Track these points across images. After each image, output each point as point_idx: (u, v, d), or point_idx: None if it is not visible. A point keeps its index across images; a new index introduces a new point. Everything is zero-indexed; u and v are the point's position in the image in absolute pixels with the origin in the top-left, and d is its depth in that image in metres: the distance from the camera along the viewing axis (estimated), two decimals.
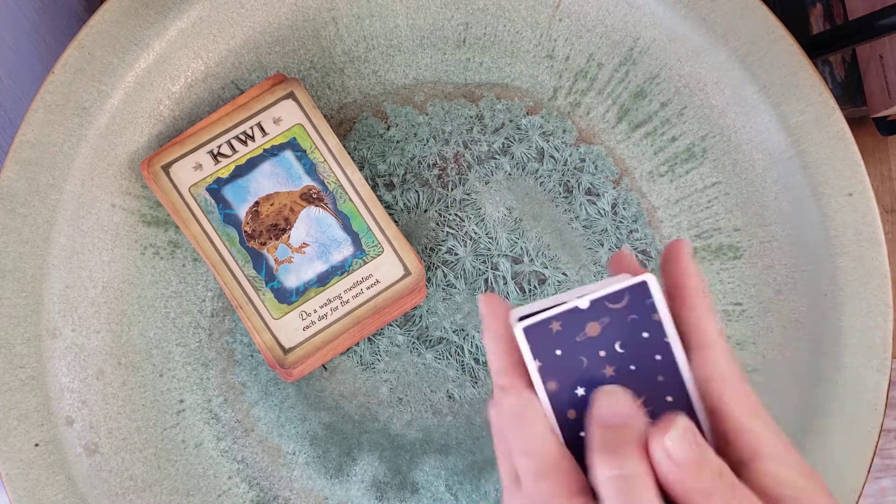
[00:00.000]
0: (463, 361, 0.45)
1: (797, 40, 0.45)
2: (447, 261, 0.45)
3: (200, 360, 0.44)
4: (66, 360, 0.42)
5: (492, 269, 0.45)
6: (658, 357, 0.28)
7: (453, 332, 0.45)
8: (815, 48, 0.52)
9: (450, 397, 0.44)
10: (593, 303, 0.28)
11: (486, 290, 0.45)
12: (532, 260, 0.45)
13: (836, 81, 0.59)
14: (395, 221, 0.44)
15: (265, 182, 0.42)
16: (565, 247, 0.46)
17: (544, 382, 0.28)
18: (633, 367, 0.28)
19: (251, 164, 0.42)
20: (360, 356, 0.44)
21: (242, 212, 0.42)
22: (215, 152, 0.42)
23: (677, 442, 0.25)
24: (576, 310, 0.28)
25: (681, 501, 0.25)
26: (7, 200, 0.41)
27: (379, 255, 0.42)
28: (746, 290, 0.45)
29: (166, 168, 0.41)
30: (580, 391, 0.28)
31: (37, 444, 0.41)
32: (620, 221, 0.46)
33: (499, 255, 0.45)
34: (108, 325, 0.43)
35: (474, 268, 0.45)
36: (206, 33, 0.44)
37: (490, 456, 0.44)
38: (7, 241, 0.41)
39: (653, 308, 0.28)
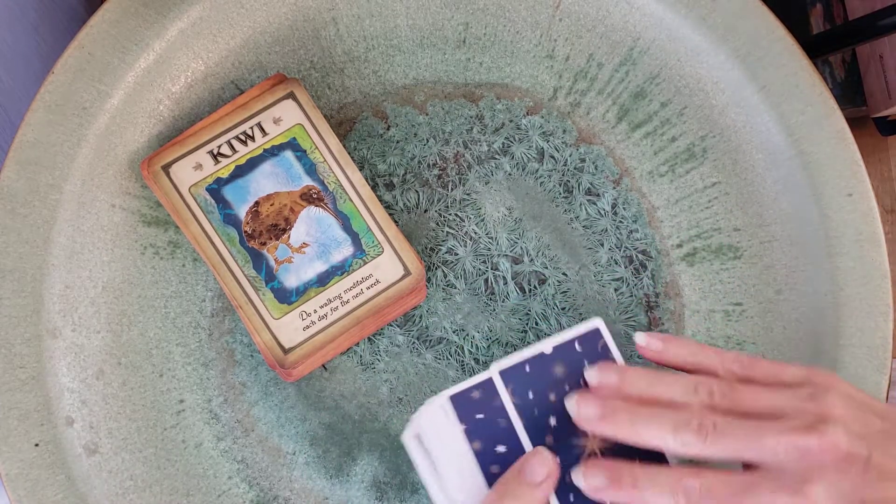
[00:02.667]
0: (463, 361, 0.45)
1: (797, 40, 0.45)
2: (447, 261, 0.45)
3: (200, 360, 0.44)
4: (66, 360, 0.42)
5: (492, 269, 0.45)
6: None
7: (453, 332, 0.45)
8: (815, 48, 0.52)
9: None
10: (555, 349, 0.33)
11: (486, 290, 0.45)
12: (532, 260, 0.45)
13: (836, 81, 0.59)
14: (395, 221, 0.44)
15: (265, 182, 0.42)
16: (565, 247, 0.46)
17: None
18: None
19: (251, 165, 0.42)
20: (360, 356, 0.44)
21: (242, 212, 0.42)
22: (215, 152, 0.42)
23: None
24: (542, 355, 0.33)
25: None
26: (7, 200, 0.41)
27: (379, 255, 0.42)
28: (746, 290, 0.45)
29: (166, 168, 0.41)
30: (552, 421, 0.32)
31: (37, 444, 0.41)
32: (620, 221, 0.46)
33: (499, 255, 0.45)
34: (108, 325, 0.43)
35: (474, 268, 0.45)
36: (206, 33, 0.44)
37: None
38: (7, 241, 0.41)
39: (606, 350, 0.33)
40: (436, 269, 0.45)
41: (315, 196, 0.42)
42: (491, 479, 0.32)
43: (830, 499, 0.28)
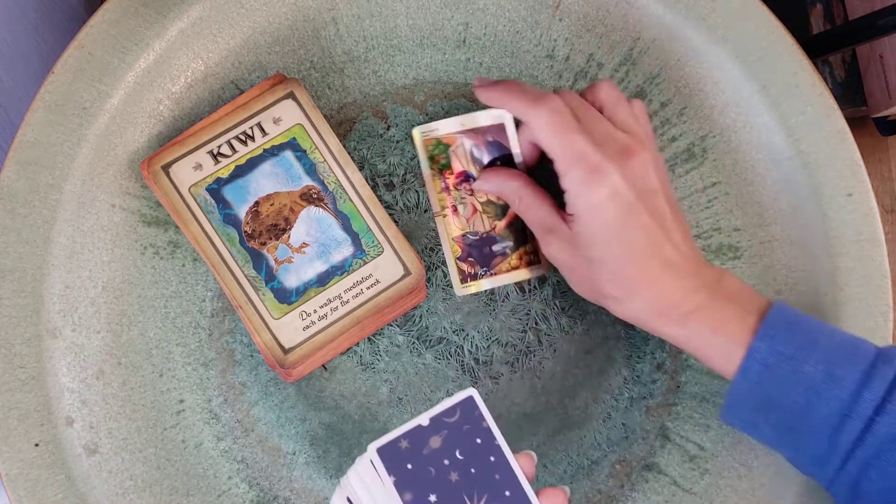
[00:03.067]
0: (463, 361, 0.45)
1: (797, 40, 0.45)
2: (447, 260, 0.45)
3: (200, 360, 0.44)
4: (66, 360, 0.42)
5: None
6: (492, 458, 0.33)
7: (453, 332, 0.45)
8: (815, 48, 0.52)
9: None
10: (432, 419, 0.33)
11: (486, 291, 0.45)
12: None
13: (836, 81, 0.59)
14: (395, 221, 0.44)
15: (265, 182, 0.42)
16: None
17: (400, 494, 0.32)
18: (472, 471, 0.33)
19: (251, 164, 0.42)
20: (360, 356, 0.44)
21: (242, 212, 0.42)
22: (215, 152, 0.42)
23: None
24: (418, 427, 0.32)
25: None
26: (7, 200, 0.41)
27: (379, 255, 0.42)
28: None
29: (166, 168, 0.41)
30: (432, 497, 0.32)
31: (37, 444, 0.41)
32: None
33: None
34: (108, 325, 0.43)
35: None
36: (206, 33, 0.44)
37: None
38: (7, 241, 0.41)
39: (481, 417, 0.33)
40: (436, 269, 0.45)
41: (315, 196, 0.42)
42: None
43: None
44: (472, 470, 0.33)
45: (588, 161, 0.37)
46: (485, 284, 0.44)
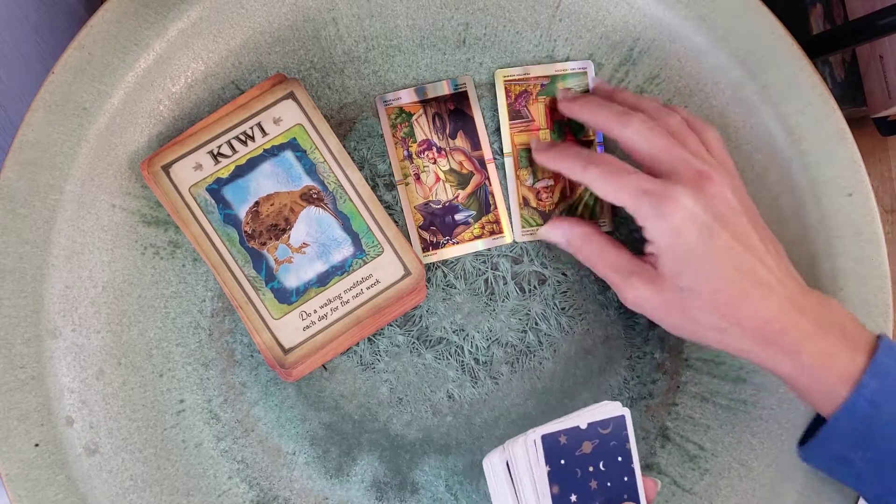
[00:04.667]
0: (463, 361, 0.45)
1: (797, 41, 0.45)
2: (447, 261, 0.45)
3: (200, 361, 0.44)
4: (66, 360, 0.42)
5: (492, 269, 0.45)
6: (626, 478, 0.35)
7: (453, 332, 0.45)
8: (815, 48, 0.52)
9: (450, 397, 0.44)
10: (589, 425, 0.35)
11: (486, 290, 0.45)
12: (532, 260, 0.45)
13: (836, 82, 0.59)
14: (395, 221, 0.44)
15: (265, 182, 0.42)
16: None
17: (550, 485, 0.35)
18: (608, 484, 0.35)
19: (251, 165, 0.42)
20: (360, 356, 0.44)
21: (242, 212, 0.42)
22: (215, 152, 0.42)
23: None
24: (577, 429, 0.35)
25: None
26: (7, 201, 0.41)
27: (379, 255, 0.42)
28: None
29: (166, 168, 0.41)
30: (573, 497, 0.35)
31: (37, 445, 0.41)
32: (621, 221, 0.46)
33: (499, 255, 0.45)
34: (108, 325, 0.43)
35: (474, 268, 0.45)
36: (206, 33, 0.44)
37: None
38: (7, 241, 0.41)
39: (627, 438, 0.35)
40: (436, 269, 0.45)
41: (315, 196, 0.42)
42: None
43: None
44: (608, 484, 0.35)
45: (654, 190, 0.37)
46: (447, 253, 0.44)
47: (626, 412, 0.35)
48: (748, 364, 0.45)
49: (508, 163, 0.45)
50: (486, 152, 0.45)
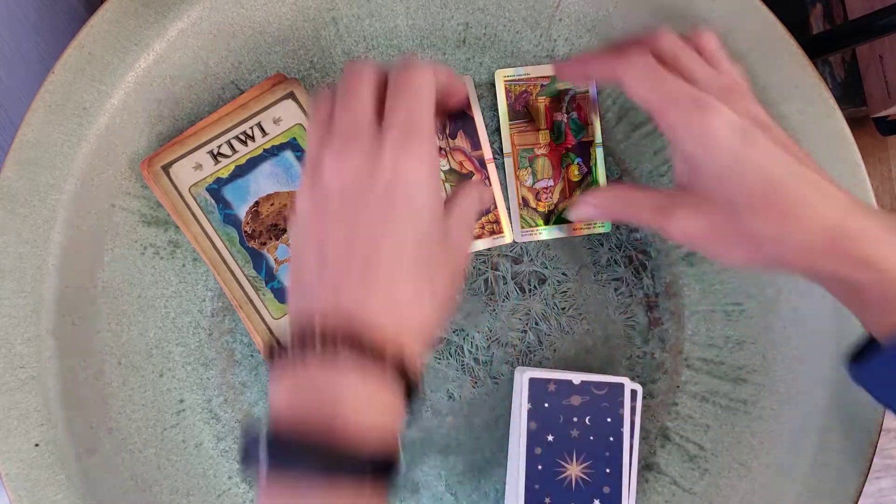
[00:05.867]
0: (463, 361, 0.45)
1: (797, 40, 0.45)
2: None
3: (200, 360, 0.44)
4: (66, 360, 0.42)
5: (492, 269, 0.45)
6: (611, 438, 0.39)
7: (453, 332, 0.45)
8: (814, 48, 0.52)
9: (450, 397, 0.44)
10: (583, 382, 0.39)
11: (486, 290, 0.45)
12: (532, 260, 0.45)
13: (836, 81, 0.59)
14: None
15: (265, 182, 0.42)
16: (565, 247, 0.46)
17: (528, 420, 0.39)
18: (591, 438, 0.39)
19: (251, 164, 0.42)
20: None
21: (242, 212, 0.42)
22: (215, 152, 0.42)
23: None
24: (569, 382, 0.39)
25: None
26: (7, 200, 0.41)
27: None
28: (746, 290, 0.45)
29: (166, 168, 0.41)
30: (549, 437, 0.39)
31: (37, 444, 0.41)
32: (617, 226, 0.46)
33: (499, 255, 0.45)
34: (107, 325, 0.43)
35: (474, 268, 0.45)
36: (206, 33, 0.44)
37: (490, 456, 0.44)
38: (7, 241, 0.41)
39: (621, 405, 0.39)
40: None
41: None
42: (531, 459, 0.39)
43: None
44: (591, 437, 0.38)
45: (690, 98, 0.34)
46: None
47: (630, 385, 0.38)
48: (748, 364, 0.45)
49: (508, 163, 0.45)
50: (486, 152, 0.45)
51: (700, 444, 0.44)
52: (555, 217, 0.45)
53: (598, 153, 0.45)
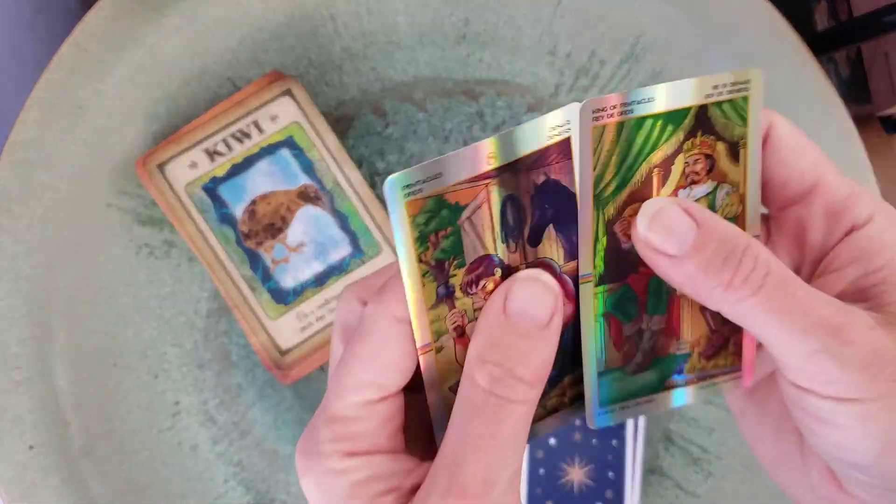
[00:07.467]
0: None
1: (801, 37, 0.44)
2: None
3: (196, 362, 0.43)
4: (61, 362, 0.41)
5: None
6: (614, 442, 0.40)
7: None
8: (819, 45, 0.52)
9: None
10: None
11: None
12: None
13: (841, 79, 0.58)
14: None
15: (262, 180, 0.42)
16: None
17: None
18: (593, 441, 0.39)
19: (248, 163, 0.42)
20: None
21: (239, 211, 0.41)
22: (211, 150, 0.41)
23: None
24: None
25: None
26: (2, 200, 0.41)
27: (377, 254, 0.41)
28: None
29: (161, 166, 0.41)
30: (552, 441, 0.39)
31: (31, 447, 0.40)
32: None
33: None
34: (103, 326, 0.42)
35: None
36: (203, 30, 0.43)
37: None
38: (2, 241, 0.41)
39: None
40: None
41: (312, 195, 0.42)
42: (533, 463, 0.39)
43: None
44: (594, 441, 0.39)
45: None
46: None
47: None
48: None
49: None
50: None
51: (703, 447, 0.44)
52: None
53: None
